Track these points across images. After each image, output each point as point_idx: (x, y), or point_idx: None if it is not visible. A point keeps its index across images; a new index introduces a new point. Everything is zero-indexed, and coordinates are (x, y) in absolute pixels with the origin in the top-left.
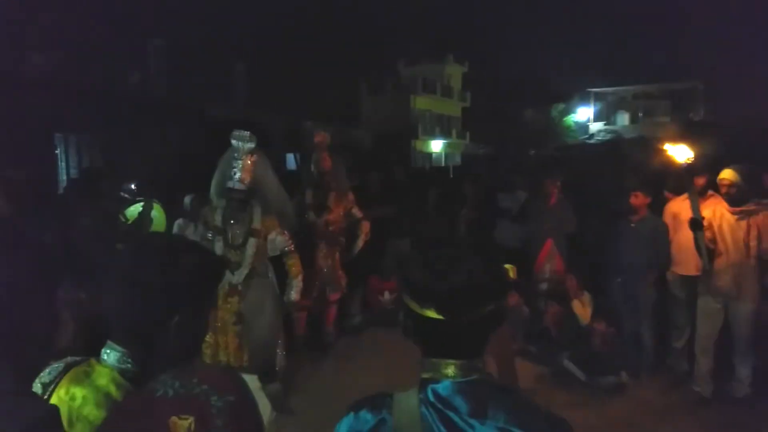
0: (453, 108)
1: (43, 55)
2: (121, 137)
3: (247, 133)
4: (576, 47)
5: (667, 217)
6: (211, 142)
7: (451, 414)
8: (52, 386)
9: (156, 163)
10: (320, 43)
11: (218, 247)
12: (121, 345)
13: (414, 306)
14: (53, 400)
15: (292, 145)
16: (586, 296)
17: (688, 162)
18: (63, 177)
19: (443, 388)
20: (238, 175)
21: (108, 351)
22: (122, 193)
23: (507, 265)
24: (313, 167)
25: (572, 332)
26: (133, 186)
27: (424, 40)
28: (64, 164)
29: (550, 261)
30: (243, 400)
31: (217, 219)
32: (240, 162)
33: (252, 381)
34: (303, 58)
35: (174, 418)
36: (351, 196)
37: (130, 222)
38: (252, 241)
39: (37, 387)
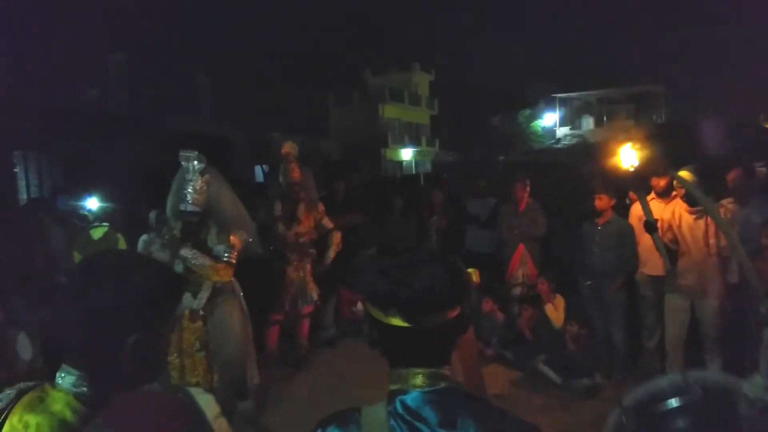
0: (421, 116)
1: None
2: (82, 154)
3: (195, 153)
4: (541, 54)
5: (633, 219)
6: (176, 157)
7: (420, 425)
8: (5, 414)
9: (119, 179)
10: (286, 55)
11: (178, 270)
12: (76, 368)
13: (378, 314)
14: (5, 429)
15: (260, 157)
16: (559, 299)
17: (648, 163)
18: (24, 195)
19: (412, 399)
20: (189, 197)
21: (63, 374)
22: (83, 212)
23: (470, 269)
24: (281, 178)
25: (546, 336)
26: (93, 204)
27: (390, 50)
28: (24, 182)
29: (522, 266)
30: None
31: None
32: (191, 183)
33: (209, 407)
34: (269, 71)
35: None
36: (321, 207)
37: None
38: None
39: None
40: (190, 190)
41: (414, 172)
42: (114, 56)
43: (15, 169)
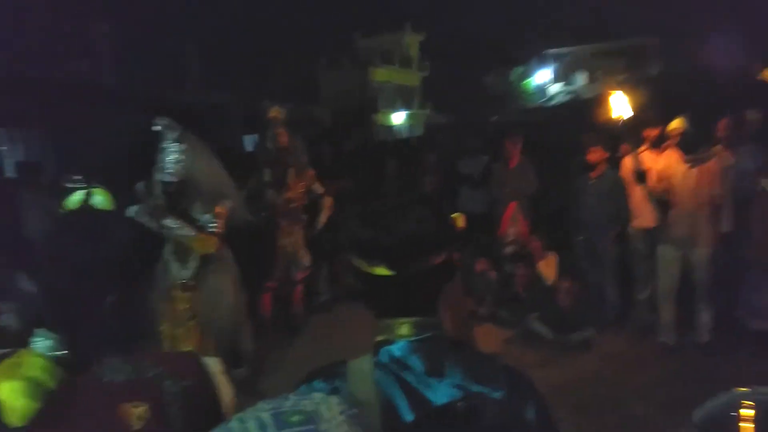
0: (413, 78)
1: None
2: (69, 127)
3: (167, 120)
4: (531, 9)
5: (625, 172)
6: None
7: (406, 374)
8: None
9: (106, 151)
10: (273, 20)
11: (167, 244)
12: (54, 331)
13: (362, 264)
14: None
15: (250, 125)
16: (551, 256)
17: (640, 115)
18: (11, 172)
19: (398, 348)
20: (167, 167)
21: (39, 338)
22: (67, 184)
23: (455, 214)
24: (269, 144)
25: (539, 293)
26: (78, 176)
27: (379, 10)
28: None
29: (514, 224)
30: (200, 385)
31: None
32: (167, 152)
33: (214, 364)
34: (257, 37)
35: (126, 405)
36: (311, 172)
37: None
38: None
39: None
40: (166, 159)
41: (406, 136)
42: (98, 26)
43: (2, 147)
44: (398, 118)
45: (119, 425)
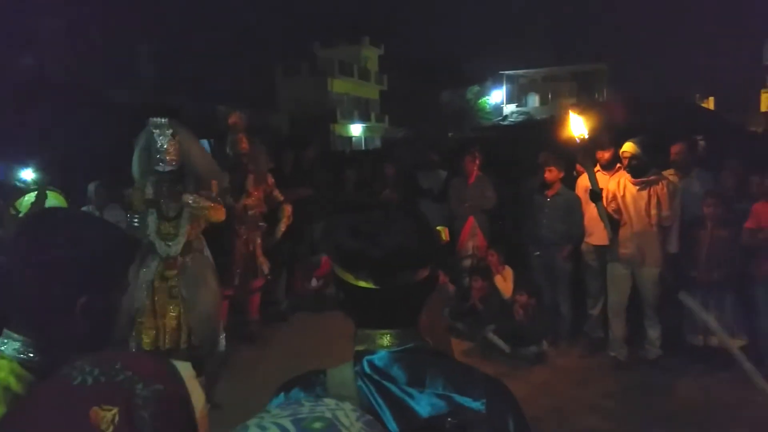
0: (371, 91)
1: None
2: (16, 124)
3: (164, 121)
4: (488, 30)
5: (580, 191)
6: (115, 129)
7: (388, 384)
8: None
9: (55, 150)
10: (234, 25)
11: (151, 220)
12: (20, 333)
13: (347, 277)
14: None
15: (205, 130)
16: (508, 270)
17: (592, 137)
18: None
19: (379, 358)
20: (166, 158)
21: (5, 341)
22: (16, 182)
23: (439, 227)
24: (228, 149)
25: (496, 306)
26: (28, 174)
27: (339, 22)
28: None
29: (472, 238)
30: (172, 389)
31: (149, 192)
32: (164, 145)
33: (185, 369)
34: (215, 41)
35: (95, 409)
36: (270, 179)
37: (22, 214)
38: (186, 213)
39: None
40: (164, 149)
41: (363, 148)
42: (50, 22)
43: None
44: (356, 129)
45: (89, 429)
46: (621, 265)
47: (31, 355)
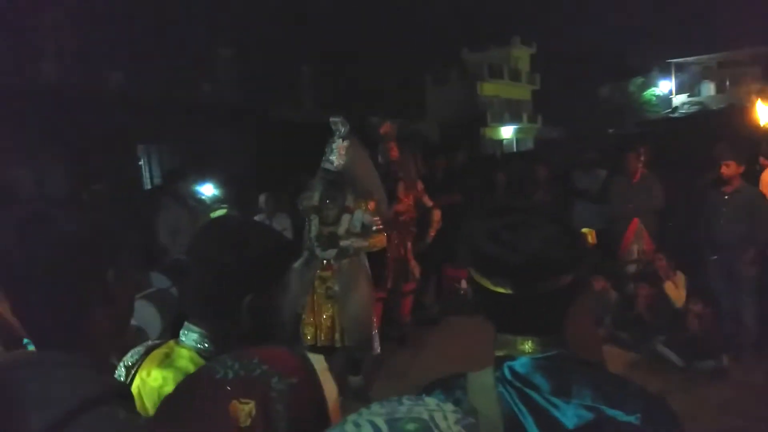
0: (522, 92)
1: (120, 72)
2: (196, 144)
3: (339, 119)
4: (652, 16)
5: (764, 187)
6: (279, 144)
7: (531, 392)
8: (135, 369)
9: (229, 166)
10: (381, 37)
11: (314, 225)
12: (198, 326)
13: (484, 282)
14: (136, 382)
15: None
16: (680, 276)
17: None
18: (147, 185)
19: (521, 365)
20: (331, 157)
21: (186, 332)
22: (200, 197)
23: (585, 229)
24: (380, 158)
25: (666, 315)
26: (209, 190)
27: (488, 24)
28: (147, 174)
29: (637, 241)
30: (306, 383)
31: (315, 199)
32: (334, 145)
33: (318, 362)
34: (365, 55)
35: (235, 402)
36: (420, 186)
37: None
38: (345, 218)
39: (120, 370)
40: (332, 148)
41: (515, 150)
42: (222, 51)
43: (140, 162)
44: (507, 132)
45: (229, 422)
46: None
47: (207, 345)
